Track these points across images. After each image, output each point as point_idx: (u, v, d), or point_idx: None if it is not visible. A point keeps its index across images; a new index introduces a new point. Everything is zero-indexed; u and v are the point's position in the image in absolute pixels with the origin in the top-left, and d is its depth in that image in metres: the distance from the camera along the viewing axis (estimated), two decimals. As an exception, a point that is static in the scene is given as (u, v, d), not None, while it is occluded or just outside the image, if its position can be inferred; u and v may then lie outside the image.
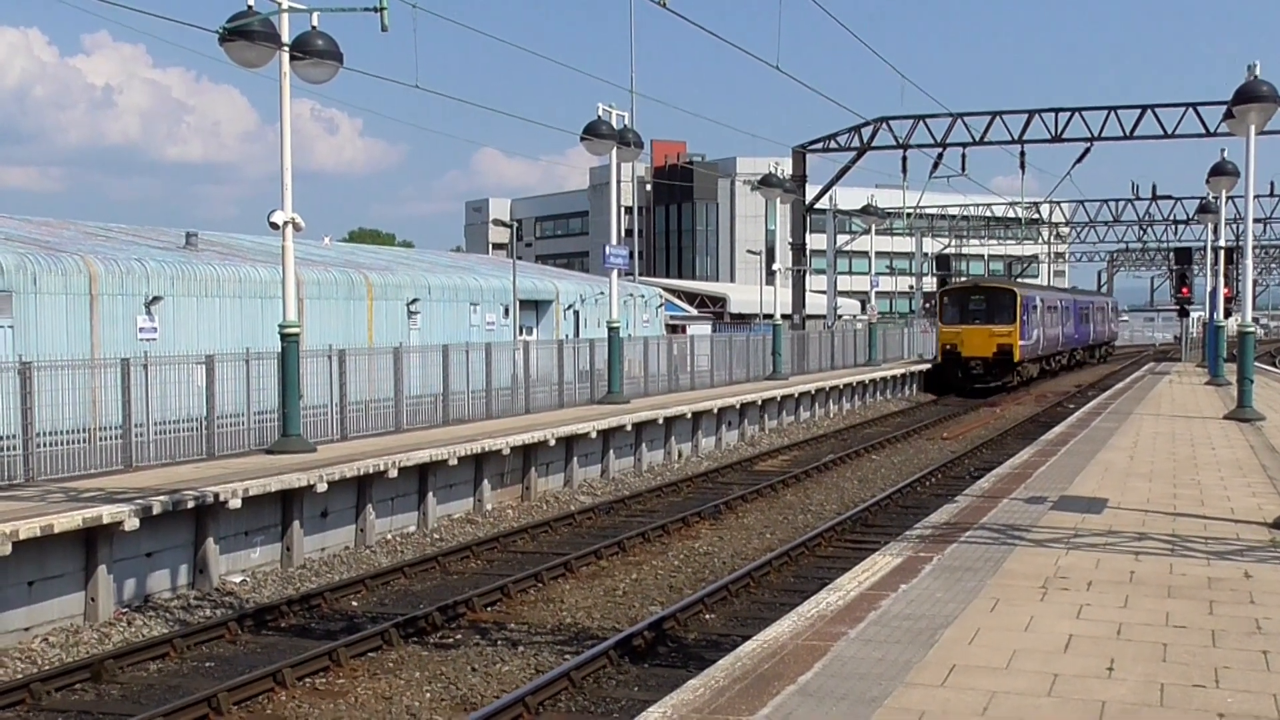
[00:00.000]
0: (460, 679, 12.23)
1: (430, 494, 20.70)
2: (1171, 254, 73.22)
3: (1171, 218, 75.80)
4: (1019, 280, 67.17)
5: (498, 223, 75.54)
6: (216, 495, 15.94)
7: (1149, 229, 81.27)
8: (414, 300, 38.17)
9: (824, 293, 58.99)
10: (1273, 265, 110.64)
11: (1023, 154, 47.07)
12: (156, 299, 28.12)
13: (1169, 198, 72.06)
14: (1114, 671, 8.10)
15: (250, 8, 18.78)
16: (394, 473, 19.34)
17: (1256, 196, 42.63)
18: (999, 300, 51.40)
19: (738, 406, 33.32)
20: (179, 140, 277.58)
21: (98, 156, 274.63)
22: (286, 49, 19.36)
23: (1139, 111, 44.19)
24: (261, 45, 19.00)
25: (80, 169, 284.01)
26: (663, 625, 13.80)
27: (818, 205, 52.86)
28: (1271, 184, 72.61)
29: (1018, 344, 50.46)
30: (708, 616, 14.71)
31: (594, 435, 25.65)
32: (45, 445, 17.14)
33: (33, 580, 13.86)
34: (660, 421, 28.72)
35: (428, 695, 11.78)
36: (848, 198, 64.11)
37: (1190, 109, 43.49)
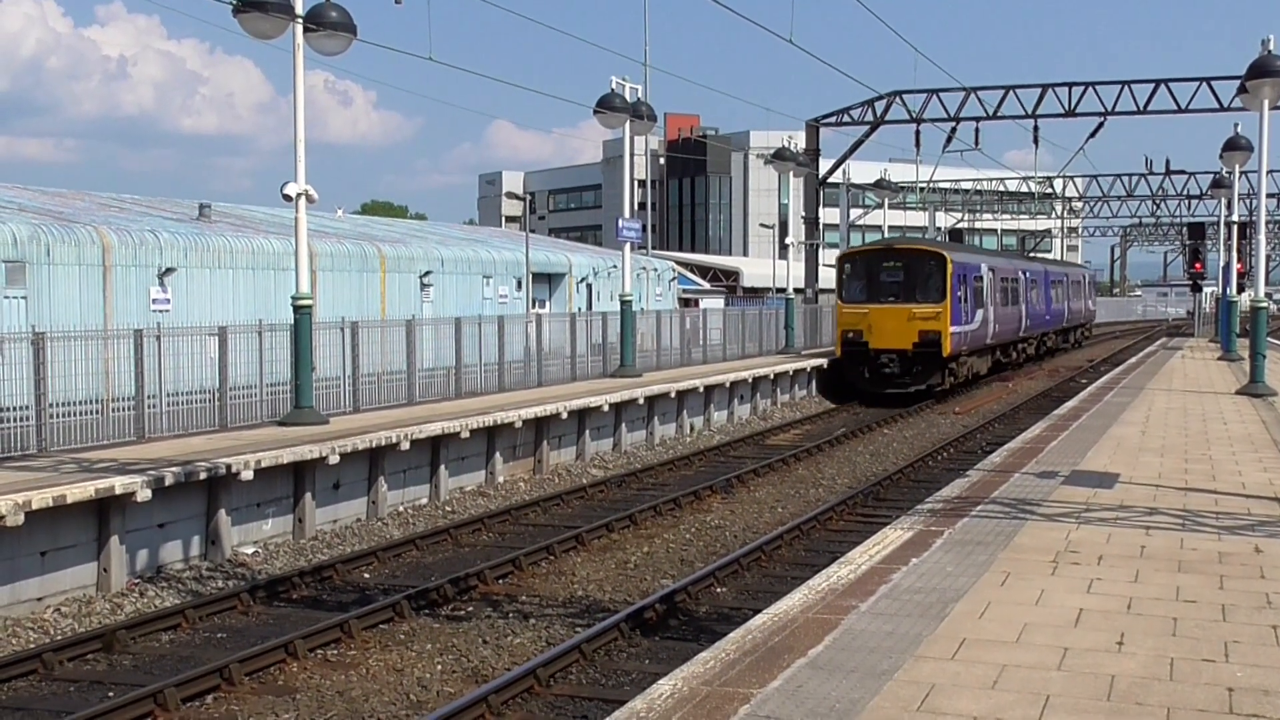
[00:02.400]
0: (471, 651, 12.28)
1: (442, 466, 20.75)
2: (1184, 229, 72.95)
3: (1185, 193, 75.45)
4: (952, 242, 51.63)
5: (511, 195, 75.60)
6: (229, 467, 15.99)
7: (1162, 204, 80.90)
8: (427, 273, 38.18)
9: (836, 267, 58.77)
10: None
11: (1036, 128, 46.81)
12: (170, 270, 28.17)
13: (1182, 172, 71.69)
14: (1124, 646, 8.10)
15: (262, -21, 18.72)
16: (406, 445, 19.38)
17: (1270, 171, 42.23)
18: (922, 268, 36.60)
19: (750, 380, 33.30)
20: (193, 112, 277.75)
21: (112, 128, 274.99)
22: (300, 21, 19.31)
23: (1153, 86, 43.93)
24: (275, 17, 18.95)
25: (94, 140, 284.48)
26: (674, 598, 13.82)
27: (831, 179, 52.69)
28: (1286, 158, 72.19)
29: (948, 331, 35.87)
30: (719, 590, 14.73)
31: (606, 408, 25.66)
32: (58, 416, 17.21)
33: (45, 550, 13.93)
34: (672, 395, 28.71)
35: (439, 667, 11.82)
36: (861, 171, 63.87)
37: (1204, 84, 43.23)
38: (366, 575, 15.71)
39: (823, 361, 37.95)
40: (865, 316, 36.59)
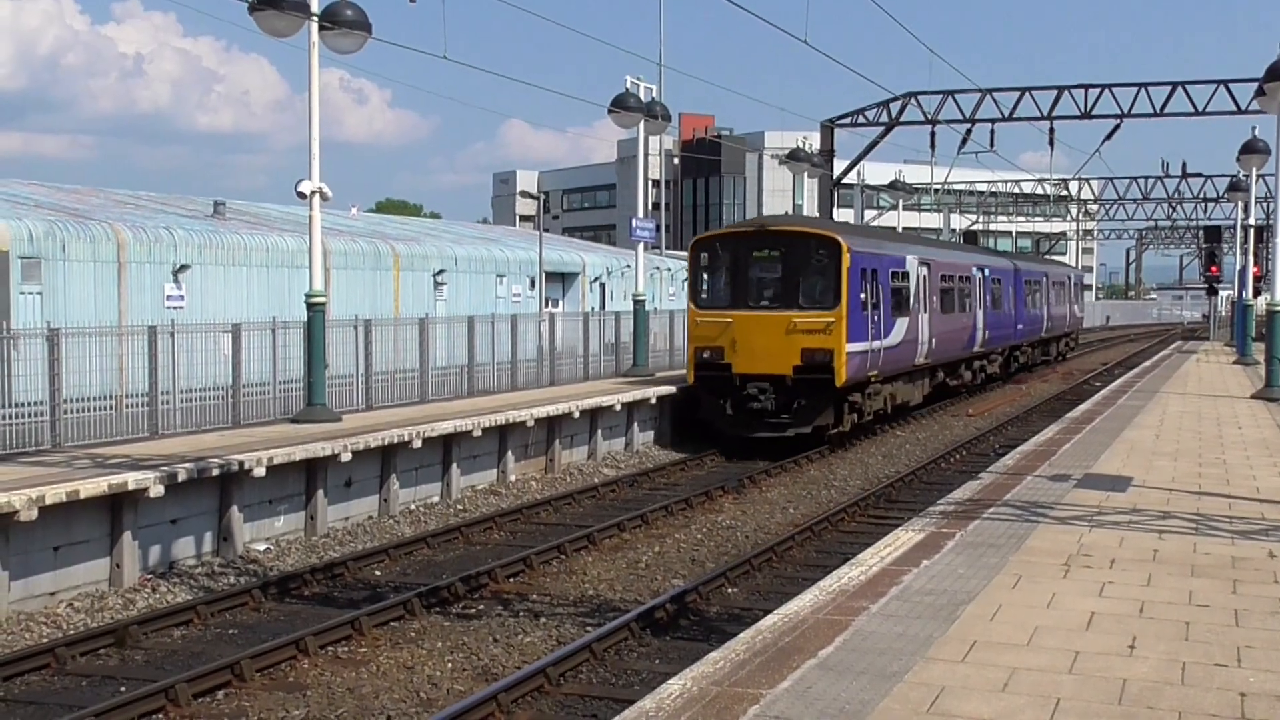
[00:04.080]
0: (482, 649, 12.28)
1: (454, 465, 20.76)
2: (1201, 232, 72.68)
3: (1201, 196, 75.18)
4: (856, 224, 41.76)
5: (525, 195, 75.66)
6: (241, 463, 16.02)
7: (1178, 207, 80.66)
8: (440, 271, 38.21)
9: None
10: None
11: (1052, 130, 46.69)
12: (184, 267, 28.23)
13: (1199, 175, 71.46)
14: (1136, 650, 8.08)
15: (278, -23, 18.75)
16: (418, 443, 19.39)
17: (1289, 175, 42.05)
18: (807, 260, 26.11)
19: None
20: (209, 109, 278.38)
21: (128, 125, 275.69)
22: (315, 19, 19.34)
23: (1169, 88, 43.82)
24: (291, 15, 18.97)
25: (110, 137, 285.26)
26: (685, 598, 13.82)
27: (845, 180, 52.63)
28: (1304, 162, 71.89)
29: (844, 349, 25.17)
30: (730, 590, 14.72)
31: (618, 408, 25.66)
32: (72, 412, 17.26)
33: (59, 545, 13.97)
34: (684, 395, 28.65)
35: (449, 665, 11.83)
36: (875, 173, 63.81)
37: (1222, 86, 43.11)
38: (378, 573, 15.72)
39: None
40: (727, 329, 25.55)
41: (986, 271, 39.27)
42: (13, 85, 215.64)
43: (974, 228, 77.57)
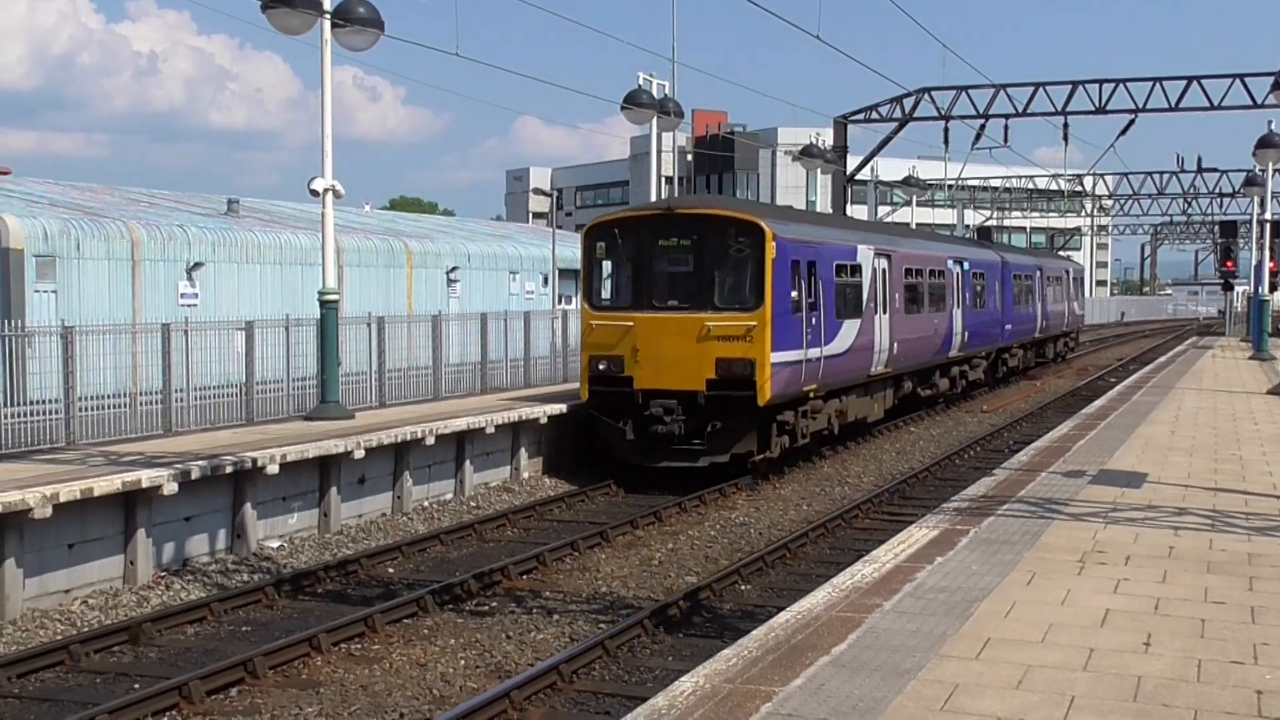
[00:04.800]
0: (495, 646, 12.28)
1: (467, 462, 20.76)
2: (1216, 227, 72.43)
3: (1217, 191, 74.91)
4: (791, 208, 36.17)
5: (538, 191, 75.62)
6: (255, 461, 16.03)
7: (1194, 202, 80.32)
8: (454, 268, 38.24)
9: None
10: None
11: (1066, 126, 46.46)
12: (198, 265, 28.29)
13: (1214, 170, 71.07)
14: (1151, 647, 8.04)
15: (291, -26, 18.76)
16: (431, 440, 19.40)
17: (1305, 169, 41.89)
18: (723, 248, 21.62)
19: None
20: (222, 107, 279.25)
21: (142, 123, 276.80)
22: (328, 16, 19.36)
23: (1185, 83, 43.61)
24: (303, 12, 18.98)
25: (125, 135, 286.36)
26: (698, 595, 13.80)
27: (859, 176, 52.51)
28: (1320, 157, 71.56)
29: (768, 359, 20.92)
30: (743, 587, 14.70)
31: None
32: (87, 410, 17.31)
33: (73, 543, 14.00)
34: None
35: (462, 662, 11.83)
36: (889, 169, 63.68)
37: (1237, 80, 42.90)
38: (391, 570, 15.73)
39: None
40: (628, 334, 21.36)
41: (966, 265, 34.95)
42: (28, 84, 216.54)
43: (988, 223, 77.35)
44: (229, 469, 15.71)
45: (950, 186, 63.66)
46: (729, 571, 14.87)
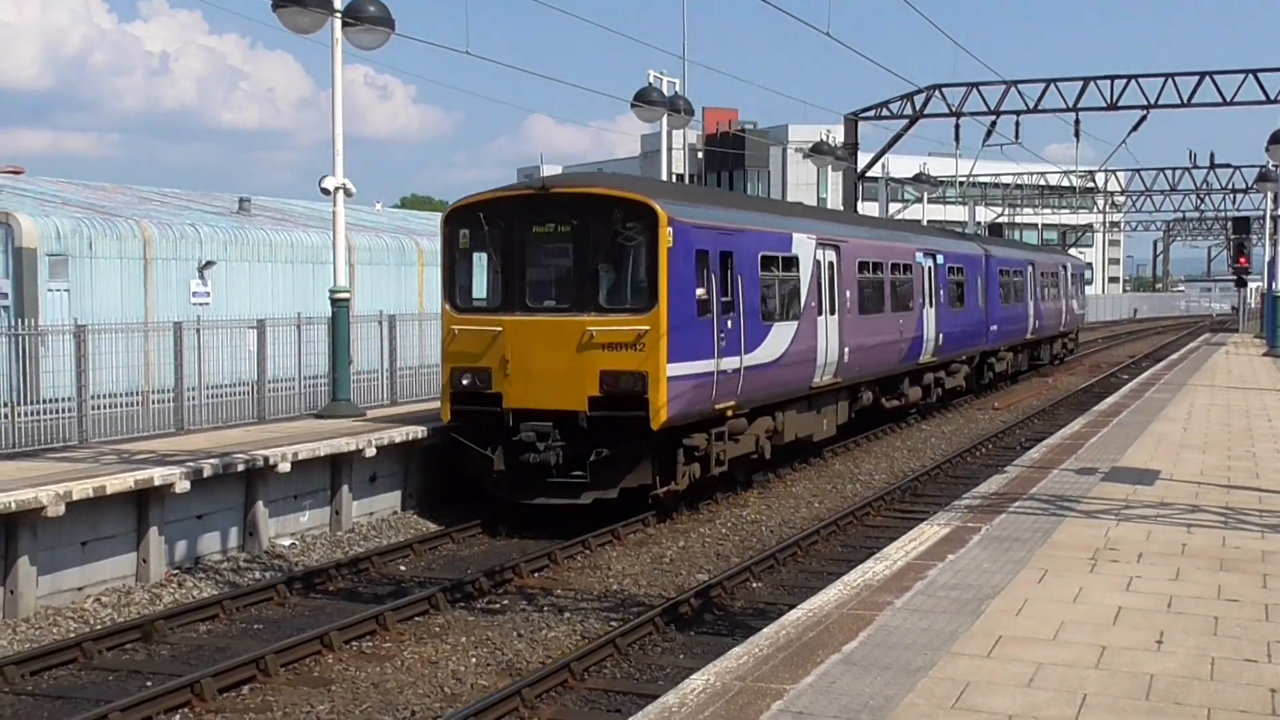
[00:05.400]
0: (506, 644, 12.29)
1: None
2: (1229, 223, 72.21)
3: (1230, 186, 74.59)
4: (698, 187, 29.52)
5: (548, 190, 75.51)
6: (266, 459, 16.06)
7: (1206, 198, 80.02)
8: (464, 267, 38.19)
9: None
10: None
11: (1077, 122, 46.30)
12: (210, 264, 28.33)
13: (1227, 166, 70.81)
14: (1163, 645, 8.02)
15: (301, -27, 18.79)
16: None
17: (1318, 165, 41.71)
18: (609, 236, 18.05)
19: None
20: (234, 106, 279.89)
21: (154, 122, 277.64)
22: (338, 15, 19.39)
23: (1197, 78, 43.47)
24: (314, 11, 19.01)
25: (137, 135, 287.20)
26: (709, 593, 13.80)
27: (870, 173, 52.44)
28: (1334, 153, 71.25)
29: (662, 373, 17.26)
30: (755, 585, 14.69)
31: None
32: (100, 408, 17.35)
33: (86, 540, 14.04)
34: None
35: (473, 660, 11.84)
36: (900, 165, 63.52)
37: (1250, 76, 42.77)
38: (402, 568, 15.76)
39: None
40: (495, 342, 17.81)
41: (939, 259, 31.07)
42: (41, 84, 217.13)
43: (999, 220, 77.19)
44: (241, 467, 15.74)
45: (961, 183, 63.54)
46: (740, 569, 14.87)
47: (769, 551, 15.83)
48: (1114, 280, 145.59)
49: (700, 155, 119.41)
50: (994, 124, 46.97)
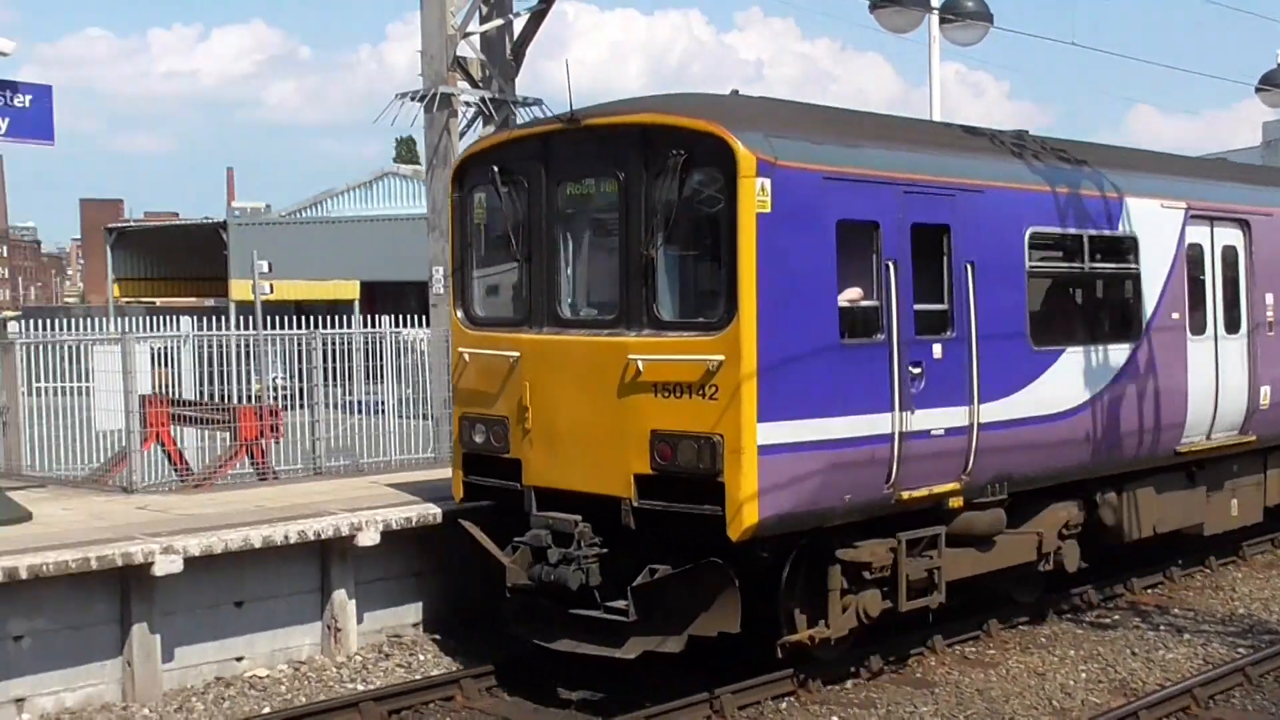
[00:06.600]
0: (1119, 662, 11.62)
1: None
2: None
3: None
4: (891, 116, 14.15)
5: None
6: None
7: None
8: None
9: None
10: None
11: None
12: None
13: None
14: None
15: (900, -26, 18.78)
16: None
17: None
18: (667, 188, 9.91)
19: None
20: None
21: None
22: (936, 12, 19.19)
23: None
24: (912, 10, 18.94)
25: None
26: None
27: None
28: None
29: (747, 444, 9.57)
30: None
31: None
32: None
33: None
34: None
35: (1083, 675, 11.28)
36: None
37: None
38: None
39: None
40: (512, 375, 10.95)
41: None
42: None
43: None
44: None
45: None
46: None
47: None
48: None
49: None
50: None
